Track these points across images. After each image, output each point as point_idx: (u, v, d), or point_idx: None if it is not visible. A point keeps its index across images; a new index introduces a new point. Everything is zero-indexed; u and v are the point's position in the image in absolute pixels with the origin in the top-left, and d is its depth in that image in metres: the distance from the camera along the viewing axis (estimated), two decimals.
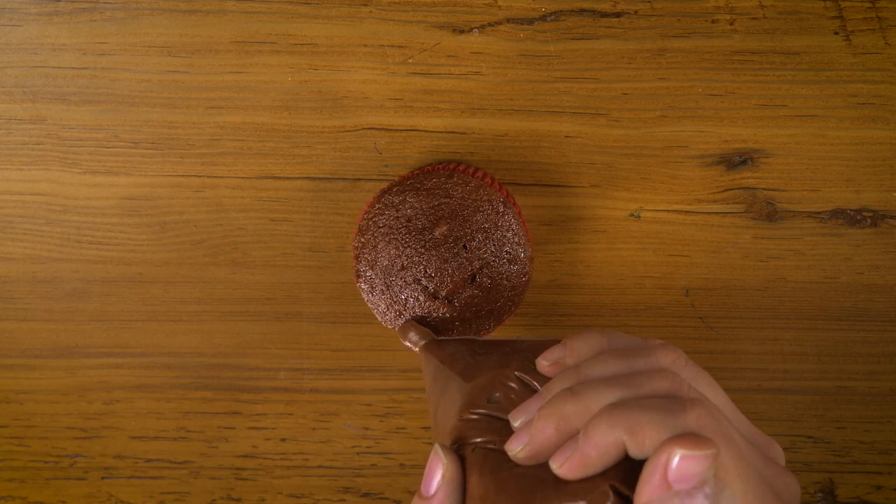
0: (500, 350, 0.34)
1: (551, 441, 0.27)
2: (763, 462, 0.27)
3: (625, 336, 0.31)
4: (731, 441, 0.25)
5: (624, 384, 0.27)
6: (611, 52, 0.45)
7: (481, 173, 0.44)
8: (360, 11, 0.45)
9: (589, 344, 0.30)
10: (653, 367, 0.28)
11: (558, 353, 0.30)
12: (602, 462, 0.25)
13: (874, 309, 0.50)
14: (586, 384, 0.27)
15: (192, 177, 0.47)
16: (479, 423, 0.30)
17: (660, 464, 0.23)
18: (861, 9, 0.45)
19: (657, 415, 0.25)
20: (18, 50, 0.45)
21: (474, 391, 0.31)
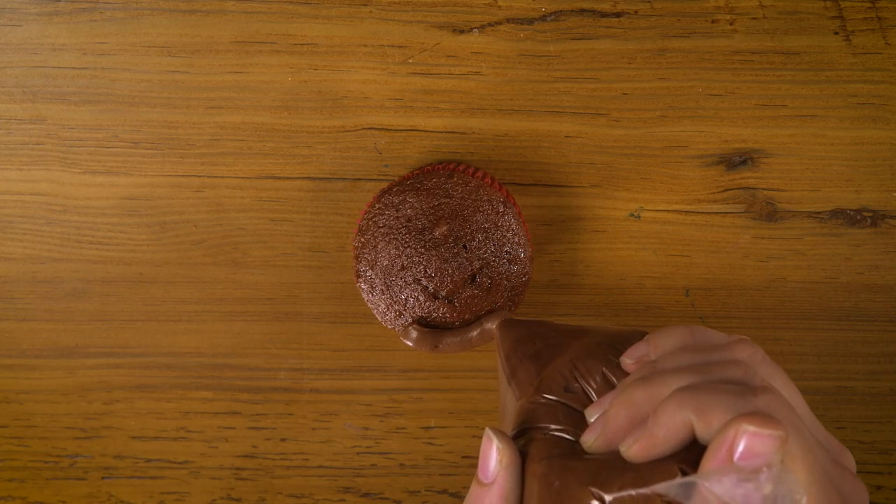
0: (579, 337, 0.33)
1: (623, 428, 0.26)
2: (832, 464, 0.26)
3: (710, 331, 0.30)
4: (801, 432, 0.24)
5: (696, 371, 0.27)
6: (611, 52, 0.45)
7: (481, 173, 0.44)
8: (360, 11, 0.45)
9: (673, 340, 0.29)
10: (728, 358, 0.27)
11: (642, 350, 0.30)
12: (669, 444, 0.25)
13: (874, 309, 0.50)
14: (658, 372, 0.27)
15: (192, 177, 0.47)
16: (552, 409, 0.30)
17: (727, 438, 0.22)
18: (861, 9, 0.45)
19: (726, 396, 0.24)
20: (18, 50, 0.45)
21: (552, 376, 0.31)
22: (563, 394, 0.30)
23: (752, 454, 0.22)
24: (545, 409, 0.30)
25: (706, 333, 0.30)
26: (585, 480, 0.25)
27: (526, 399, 0.31)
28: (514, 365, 0.34)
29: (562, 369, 0.31)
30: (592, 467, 0.26)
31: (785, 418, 0.24)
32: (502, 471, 0.28)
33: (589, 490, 0.25)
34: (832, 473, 0.25)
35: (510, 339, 0.37)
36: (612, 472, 0.25)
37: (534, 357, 0.33)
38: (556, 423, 0.29)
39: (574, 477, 0.26)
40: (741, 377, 0.26)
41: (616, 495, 0.24)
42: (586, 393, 0.30)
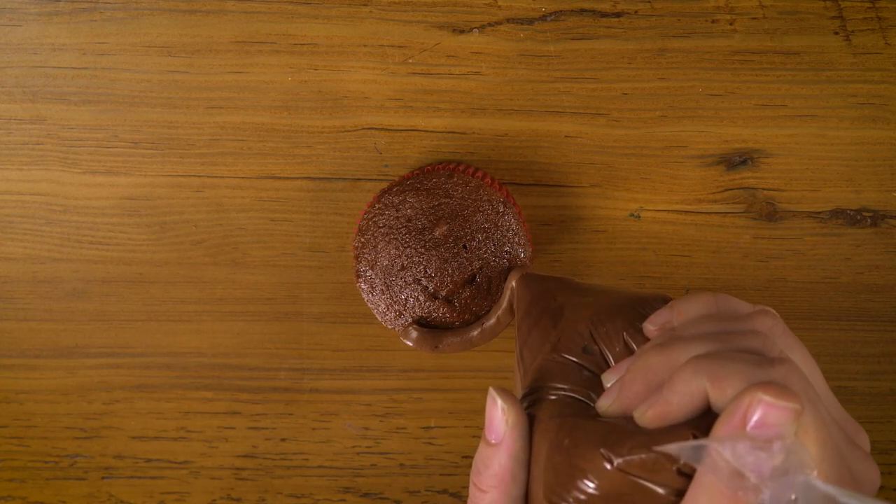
0: (601, 298, 0.32)
1: (638, 394, 0.26)
2: (846, 442, 0.26)
3: (734, 300, 0.29)
4: (816, 406, 0.24)
5: (714, 340, 0.26)
6: (611, 52, 0.45)
7: (481, 173, 0.44)
8: (360, 11, 0.45)
9: (697, 307, 0.29)
10: (748, 328, 0.27)
11: (665, 316, 0.29)
12: (683, 410, 0.25)
13: (874, 309, 0.50)
14: (676, 339, 0.27)
15: (192, 177, 0.47)
16: (568, 369, 0.29)
17: (741, 406, 0.22)
18: (861, 9, 0.45)
19: (743, 365, 0.24)
20: (18, 50, 0.45)
21: (570, 336, 0.30)
22: (580, 354, 0.30)
23: (765, 424, 0.22)
24: (561, 369, 0.29)
25: (730, 302, 0.29)
26: (596, 441, 0.25)
27: (542, 357, 0.30)
28: (532, 321, 0.33)
29: (581, 329, 0.30)
30: (604, 429, 0.25)
31: (801, 391, 0.24)
32: (509, 430, 0.28)
33: (599, 451, 0.24)
34: (845, 451, 0.25)
35: (529, 295, 0.36)
36: (623, 435, 0.25)
37: (553, 314, 0.33)
38: (571, 384, 0.29)
39: (585, 437, 0.25)
40: (759, 348, 0.26)
41: (626, 458, 0.24)
42: (604, 356, 0.30)
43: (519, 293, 0.37)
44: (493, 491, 0.28)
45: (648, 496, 0.24)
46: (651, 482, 0.24)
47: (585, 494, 0.25)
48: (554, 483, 0.26)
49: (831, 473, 0.24)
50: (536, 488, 0.27)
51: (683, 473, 0.24)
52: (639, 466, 0.24)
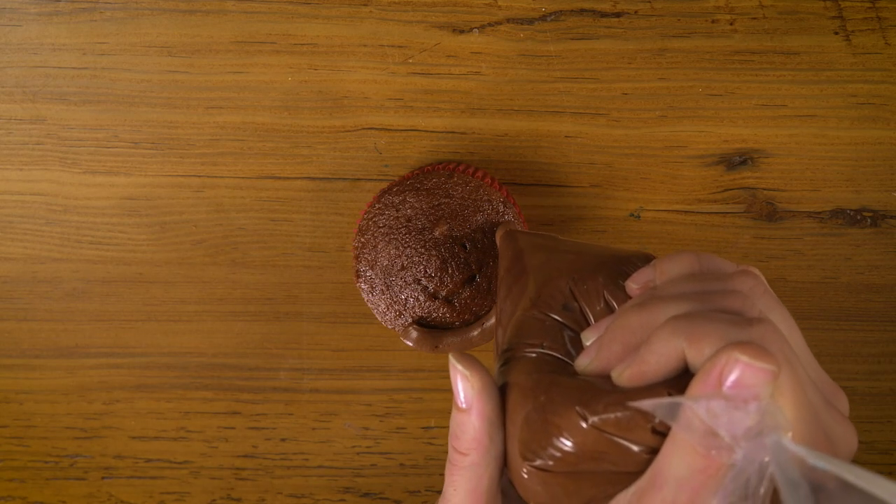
0: (584, 256, 0.32)
1: (617, 354, 0.26)
2: (823, 404, 0.25)
3: (717, 259, 0.29)
4: (794, 367, 0.24)
5: (693, 300, 0.26)
6: (611, 52, 0.45)
7: (481, 173, 0.44)
8: (360, 11, 0.45)
9: (679, 266, 0.29)
10: (728, 288, 0.27)
11: (647, 275, 0.29)
12: (661, 371, 0.24)
13: (874, 309, 0.50)
14: (656, 299, 0.27)
15: (192, 177, 0.47)
16: (547, 326, 0.29)
17: (717, 365, 0.22)
18: (861, 9, 0.45)
19: (720, 325, 0.24)
20: (18, 50, 0.45)
21: (551, 293, 0.30)
22: (560, 311, 0.29)
23: (741, 385, 0.22)
24: (540, 325, 0.29)
25: (713, 261, 0.29)
26: (572, 399, 0.25)
27: (522, 312, 0.30)
28: (513, 277, 0.33)
29: (561, 286, 0.30)
30: (581, 387, 0.25)
31: (778, 351, 0.24)
32: (476, 395, 0.28)
33: (575, 409, 0.24)
34: (822, 413, 0.25)
35: (511, 250, 0.35)
36: (599, 394, 0.25)
37: (534, 270, 0.32)
38: (550, 341, 0.28)
39: (561, 395, 0.25)
40: (739, 308, 0.26)
41: (602, 416, 0.24)
42: (584, 313, 0.29)
43: (502, 248, 0.37)
44: (472, 453, 0.28)
45: (623, 454, 0.24)
46: (626, 440, 0.24)
47: (561, 451, 0.25)
48: (530, 440, 0.26)
49: (807, 435, 0.24)
50: (513, 445, 0.27)
51: (658, 432, 0.24)
52: (614, 425, 0.24)
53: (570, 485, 0.25)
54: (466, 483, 0.28)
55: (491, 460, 0.28)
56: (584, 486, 0.25)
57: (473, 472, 0.28)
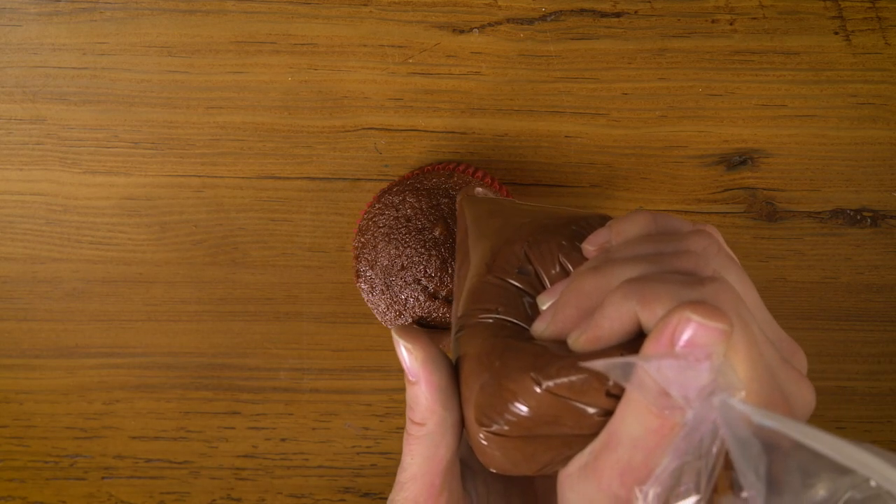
0: (540, 219, 0.31)
1: (572, 318, 0.26)
2: (779, 362, 0.25)
3: (673, 219, 0.29)
4: (747, 325, 0.23)
5: (647, 262, 0.26)
6: (611, 52, 0.45)
7: (481, 173, 0.44)
8: (360, 11, 0.45)
9: (636, 226, 0.28)
10: (682, 249, 0.27)
11: (603, 236, 0.29)
12: (615, 334, 0.24)
13: (874, 309, 0.50)
14: (610, 262, 0.26)
15: (192, 177, 0.47)
16: (503, 291, 0.29)
17: (670, 325, 0.22)
18: (861, 9, 0.45)
19: (672, 286, 0.24)
20: (18, 50, 0.45)
21: (506, 257, 0.29)
22: (515, 276, 0.29)
23: (693, 344, 0.21)
24: (495, 290, 0.29)
25: (669, 221, 0.29)
26: (526, 364, 0.25)
27: (477, 278, 0.30)
28: (472, 243, 0.32)
29: (516, 250, 0.29)
30: (535, 352, 0.25)
31: (731, 310, 0.23)
32: (421, 367, 0.28)
33: (529, 375, 0.24)
34: (778, 371, 0.25)
35: (470, 216, 0.35)
36: (553, 359, 0.25)
37: (490, 235, 0.32)
38: (505, 306, 0.28)
39: (515, 360, 0.25)
40: (692, 268, 0.25)
41: (555, 381, 0.24)
42: (539, 277, 0.29)
43: (459, 215, 0.36)
44: (429, 422, 0.28)
45: (578, 417, 0.24)
46: (581, 403, 0.24)
47: (516, 416, 0.25)
48: (485, 405, 0.26)
49: (761, 394, 0.23)
50: (469, 411, 0.27)
51: (612, 395, 0.24)
52: (568, 388, 0.24)
53: (527, 448, 0.26)
54: (424, 451, 0.28)
55: (447, 428, 0.28)
56: (541, 450, 0.26)
57: (430, 441, 0.28)
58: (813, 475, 0.21)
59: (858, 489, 0.20)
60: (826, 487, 0.20)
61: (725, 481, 0.22)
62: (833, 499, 0.20)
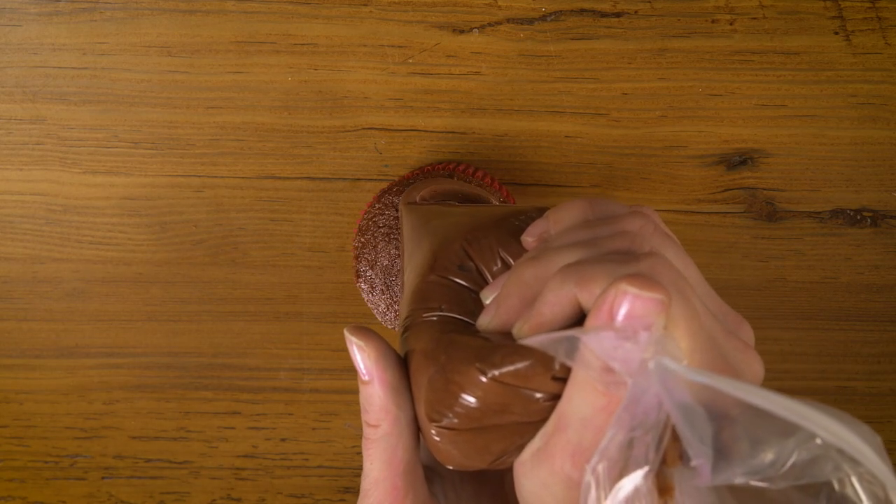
0: (479, 217, 0.32)
1: (515, 308, 0.26)
2: (724, 334, 0.25)
3: (609, 203, 0.29)
4: (686, 297, 0.23)
5: (583, 246, 0.26)
6: (611, 52, 0.45)
7: (481, 173, 0.44)
8: (360, 11, 0.45)
9: (572, 214, 0.29)
10: (618, 231, 0.27)
11: (541, 226, 0.29)
12: (557, 320, 0.24)
13: (874, 309, 0.50)
14: (548, 250, 0.27)
15: (192, 177, 0.47)
16: (445, 289, 0.29)
17: (607, 300, 0.22)
18: (861, 9, 0.45)
19: (609, 265, 0.24)
20: (18, 50, 0.45)
21: (446, 255, 0.30)
22: (456, 272, 0.29)
23: (632, 316, 0.21)
24: (437, 289, 0.29)
25: (606, 205, 0.29)
26: (471, 356, 0.25)
27: (420, 279, 0.30)
28: (413, 248, 0.33)
29: (456, 248, 0.30)
30: (479, 344, 0.25)
31: (669, 282, 0.23)
32: (374, 364, 0.28)
33: (474, 366, 0.24)
34: (722, 343, 0.25)
35: (408, 223, 0.35)
36: (497, 348, 0.25)
37: (430, 237, 0.32)
38: (448, 303, 0.28)
39: (460, 352, 0.25)
40: (628, 247, 0.26)
41: (500, 369, 0.24)
42: (481, 272, 0.29)
43: (401, 223, 0.37)
44: (382, 423, 0.28)
45: (527, 404, 0.24)
46: (527, 389, 0.24)
47: (465, 409, 0.25)
48: (434, 401, 0.26)
49: (705, 364, 0.23)
50: (420, 409, 0.27)
51: (559, 378, 0.24)
52: (513, 376, 0.24)
53: (478, 441, 0.26)
54: (382, 454, 0.28)
55: (402, 428, 0.28)
56: (493, 441, 0.26)
57: (387, 443, 0.28)
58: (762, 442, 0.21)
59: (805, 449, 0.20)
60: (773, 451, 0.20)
61: (674, 452, 0.22)
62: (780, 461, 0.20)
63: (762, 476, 0.21)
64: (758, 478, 0.21)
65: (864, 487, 0.20)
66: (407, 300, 0.30)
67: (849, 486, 0.20)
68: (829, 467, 0.20)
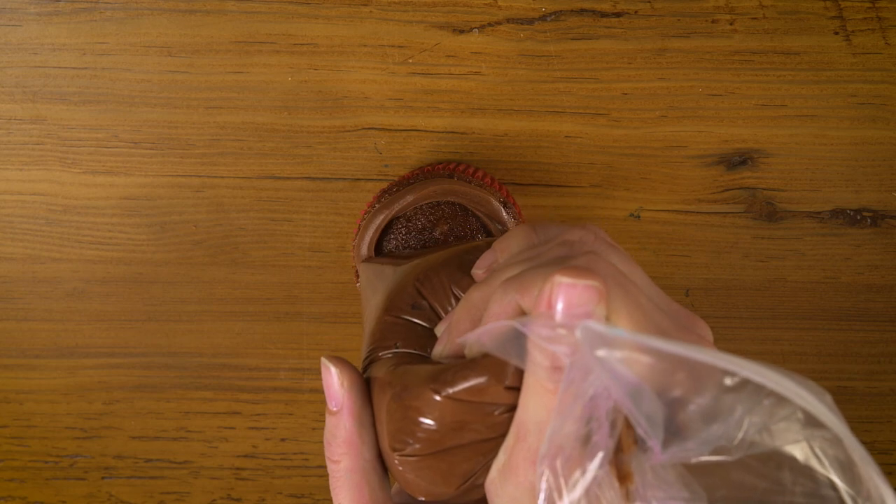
0: (430, 258, 0.33)
1: (467, 332, 0.26)
2: (675, 328, 0.25)
3: (554, 226, 0.29)
4: (626, 289, 0.23)
5: (526, 261, 0.26)
6: (611, 52, 0.45)
7: (481, 173, 0.44)
8: (360, 11, 0.45)
9: (518, 240, 0.29)
10: (558, 243, 0.27)
11: (489, 258, 0.29)
12: None
13: (874, 309, 0.50)
14: (493, 273, 0.27)
15: (192, 177, 0.47)
16: (399, 328, 0.30)
17: (544, 294, 0.22)
18: (861, 9, 0.45)
19: (547, 268, 0.24)
20: (18, 50, 0.45)
21: (399, 296, 0.31)
22: (410, 311, 0.30)
23: (570, 306, 0.21)
24: (392, 328, 0.30)
25: (549, 229, 0.29)
26: (425, 380, 0.25)
27: (375, 321, 0.31)
28: (368, 296, 0.34)
29: (408, 288, 0.31)
30: (432, 369, 0.26)
31: (607, 275, 0.23)
32: (346, 393, 0.28)
33: (428, 388, 0.25)
34: (671, 334, 0.24)
35: (366, 275, 0.36)
36: (449, 368, 0.25)
37: (384, 283, 0.33)
38: (403, 340, 0.29)
39: (415, 378, 0.26)
40: (566, 253, 0.26)
41: (453, 387, 0.24)
42: (434, 310, 0.30)
43: (360, 278, 0.38)
44: (344, 458, 0.28)
45: (484, 418, 0.25)
46: (484, 403, 0.24)
47: (424, 432, 0.25)
48: (395, 430, 0.26)
49: None
50: (383, 441, 0.27)
51: (512, 388, 0.24)
52: (468, 392, 0.24)
53: (441, 465, 0.26)
54: (349, 493, 0.28)
55: (364, 463, 0.28)
56: (457, 463, 0.26)
57: (352, 480, 0.28)
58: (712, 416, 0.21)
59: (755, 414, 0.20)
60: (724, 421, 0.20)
61: (629, 438, 0.22)
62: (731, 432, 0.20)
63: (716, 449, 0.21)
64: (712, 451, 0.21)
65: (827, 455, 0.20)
66: (365, 342, 0.31)
67: (812, 457, 0.20)
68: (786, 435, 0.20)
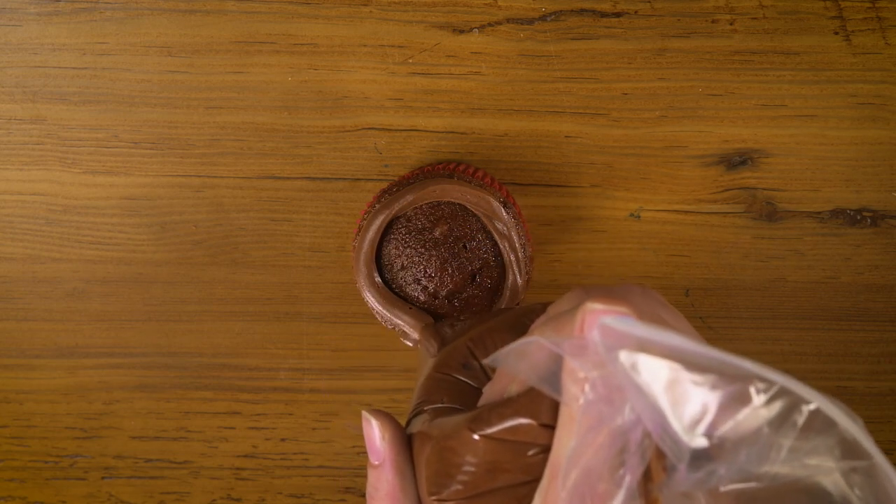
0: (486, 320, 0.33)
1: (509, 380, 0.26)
2: None
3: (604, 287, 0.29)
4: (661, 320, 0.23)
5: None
6: (611, 52, 0.45)
7: (481, 173, 0.44)
8: (360, 11, 0.45)
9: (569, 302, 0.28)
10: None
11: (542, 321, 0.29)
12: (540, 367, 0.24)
13: (874, 309, 0.50)
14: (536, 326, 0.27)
15: (192, 177, 0.47)
16: (447, 385, 0.30)
17: (577, 322, 0.22)
18: (861, 9, 0.45)
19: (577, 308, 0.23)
20: (18, 50, 0.45)
21: (452, 354, 0.31)
22: (459, 370, 0.30)
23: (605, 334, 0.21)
24: (440, 385, 0.30)
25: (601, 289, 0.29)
26: (462, 423, 0.25)
27: (425, 378, 0.31)
28: (424, 357, 0.35)
29: (461, 347, 0.31)
30: (472, 413, 0.26)
31: (640, 304, 0.23)
32: (387, 446, 0.28)
33: (465, 428, 0.25)
34: None
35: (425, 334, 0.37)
36: (485, 408, 0.25)
37: (442, 341, 0.34)
38: (449, 397, 0.29)
39: (452, 423, 0.26)
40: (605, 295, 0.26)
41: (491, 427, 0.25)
42: (484, 371, 0.30)
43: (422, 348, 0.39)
44: None
45: (521, 459, 0.25)
46: (519, 442, 0.24)
47: (462, 473, 0.25)
48: (434, 475, 0.26)
49: None
50: (423, 490, 0.27)
51: (547, 425, 0.24)
52: (506, 431, 0.24)
53: None
54: None
55: None
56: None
57: None
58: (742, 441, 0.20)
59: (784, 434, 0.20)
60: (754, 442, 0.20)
61: (658, 467, 0.22)
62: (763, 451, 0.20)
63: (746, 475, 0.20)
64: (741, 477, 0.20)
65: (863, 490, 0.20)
66: (414, 397, 0.31)
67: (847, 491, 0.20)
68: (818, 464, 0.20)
